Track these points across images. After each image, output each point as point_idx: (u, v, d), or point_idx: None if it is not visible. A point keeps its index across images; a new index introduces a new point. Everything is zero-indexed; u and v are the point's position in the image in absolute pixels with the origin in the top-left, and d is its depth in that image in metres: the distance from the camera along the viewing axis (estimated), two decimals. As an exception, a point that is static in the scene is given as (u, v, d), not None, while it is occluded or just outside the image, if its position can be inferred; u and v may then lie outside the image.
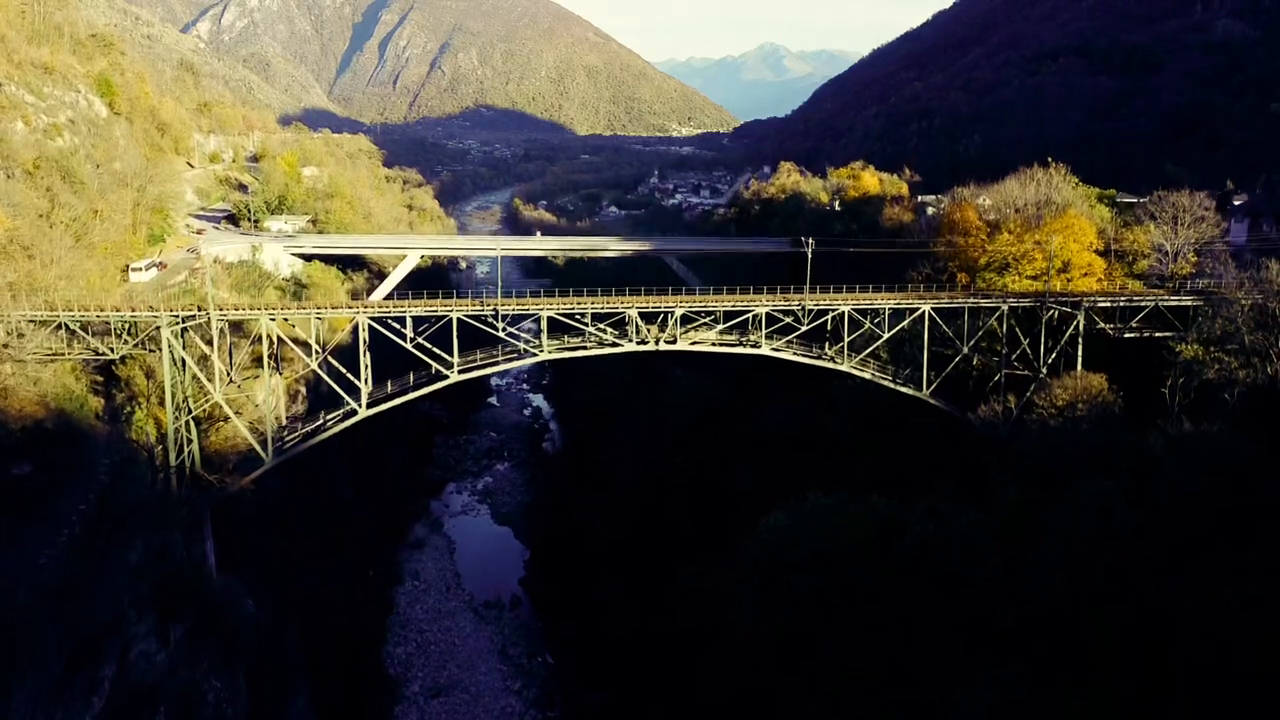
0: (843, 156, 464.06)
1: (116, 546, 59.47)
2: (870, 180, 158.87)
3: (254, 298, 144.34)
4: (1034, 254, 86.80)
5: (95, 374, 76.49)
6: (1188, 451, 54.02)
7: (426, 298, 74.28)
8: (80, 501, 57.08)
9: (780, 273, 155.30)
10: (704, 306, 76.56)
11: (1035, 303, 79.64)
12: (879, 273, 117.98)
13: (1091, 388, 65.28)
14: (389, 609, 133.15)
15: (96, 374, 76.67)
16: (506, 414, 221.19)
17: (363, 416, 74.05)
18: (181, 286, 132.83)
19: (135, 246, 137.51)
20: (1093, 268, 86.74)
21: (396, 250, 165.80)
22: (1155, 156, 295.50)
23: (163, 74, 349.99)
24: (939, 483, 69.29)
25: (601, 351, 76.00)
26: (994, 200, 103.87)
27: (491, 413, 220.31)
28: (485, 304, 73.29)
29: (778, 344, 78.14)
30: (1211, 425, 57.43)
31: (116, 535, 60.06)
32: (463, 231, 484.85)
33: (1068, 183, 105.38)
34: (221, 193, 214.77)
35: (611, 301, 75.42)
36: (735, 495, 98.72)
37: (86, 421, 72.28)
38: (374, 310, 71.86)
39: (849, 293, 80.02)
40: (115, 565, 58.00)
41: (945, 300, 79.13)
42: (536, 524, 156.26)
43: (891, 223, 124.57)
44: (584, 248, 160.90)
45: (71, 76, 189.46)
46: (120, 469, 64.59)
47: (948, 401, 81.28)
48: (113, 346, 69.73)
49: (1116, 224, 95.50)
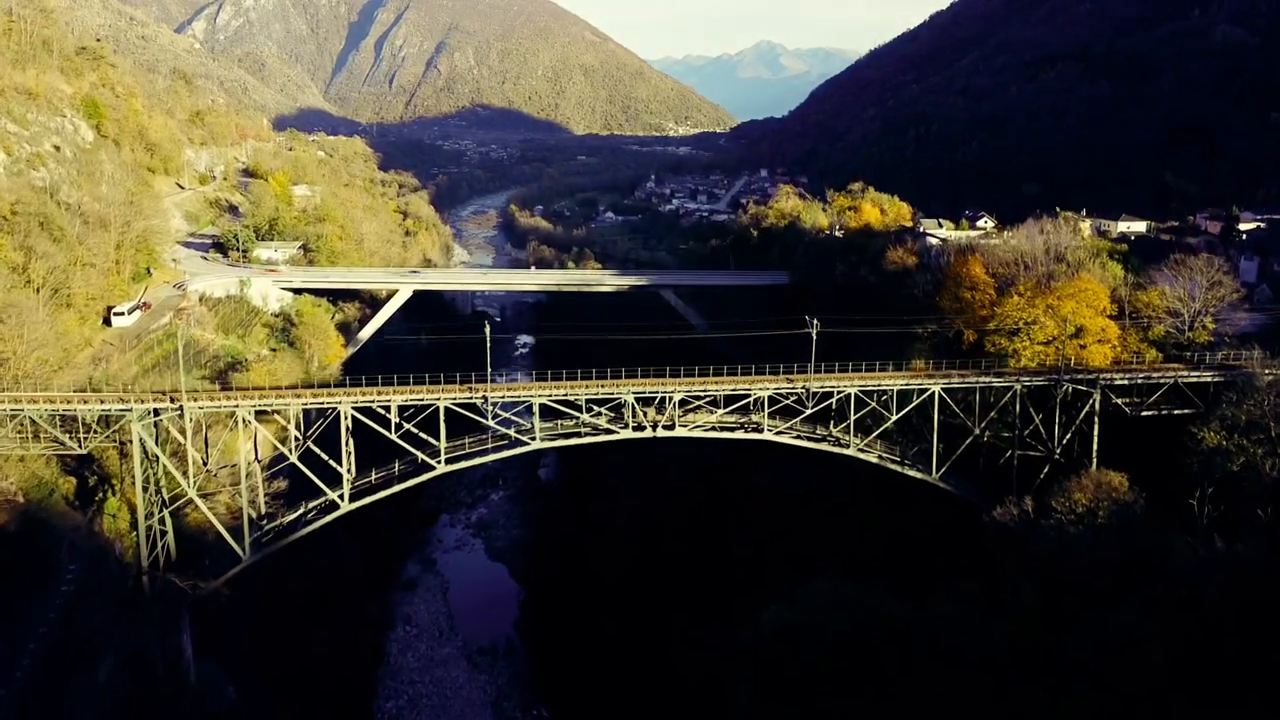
0: (840, 160, 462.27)
1: (84, 666, 56.14)
2: (871, 212, 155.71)
3: (241, 337, 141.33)
4: (1045, 320, 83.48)
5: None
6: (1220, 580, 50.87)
7: (413, 383, 70.78)
8: (41, 624, 53.72)
9: (780, 307, 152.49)
10: (703, 390, 73.16)
11: (1049, 381, 76.20)
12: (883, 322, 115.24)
13: (1112, 487, 62.01)
14: (380, 658, 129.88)
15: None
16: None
17: (345, 511, 70.76)
18: (165, 330, 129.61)
19: (119, 287, 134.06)
20: (1107, 334, 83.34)
21: (388, 285, 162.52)
22: (1155, 166, 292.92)
23: (154, 83, 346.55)
24: (951, 581, 66.04)
25: (596, 439, 72.78)
26: (1001, 252, 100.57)
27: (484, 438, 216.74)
28: (474, 389, 69.90)
29: (780, 427, 74.71)
30: (1243, 543, 54.10)
31: (85, 652, 56.73)
32: (459, 238, 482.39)
33: (1077, 233, 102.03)
34: (211, 215, 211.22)
35: (607, 386, 71.95)
36: (733, 556, 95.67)
37: (56, 511, 69.07)
38: (357, 399, 68.43)
39: (855, 372, 76.64)
40: (81, 690, 54.70)
41: (956, 380, 75.75)
42: (532, 563, 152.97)
43: (895, 265, 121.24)
44: (578, 282, 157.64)
45: (57, 100, 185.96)
46: (90, 571, 61.27)
47: (959, 484, 77.93)
48: (81, 439, 66.32)
49: (1130, 286, 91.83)
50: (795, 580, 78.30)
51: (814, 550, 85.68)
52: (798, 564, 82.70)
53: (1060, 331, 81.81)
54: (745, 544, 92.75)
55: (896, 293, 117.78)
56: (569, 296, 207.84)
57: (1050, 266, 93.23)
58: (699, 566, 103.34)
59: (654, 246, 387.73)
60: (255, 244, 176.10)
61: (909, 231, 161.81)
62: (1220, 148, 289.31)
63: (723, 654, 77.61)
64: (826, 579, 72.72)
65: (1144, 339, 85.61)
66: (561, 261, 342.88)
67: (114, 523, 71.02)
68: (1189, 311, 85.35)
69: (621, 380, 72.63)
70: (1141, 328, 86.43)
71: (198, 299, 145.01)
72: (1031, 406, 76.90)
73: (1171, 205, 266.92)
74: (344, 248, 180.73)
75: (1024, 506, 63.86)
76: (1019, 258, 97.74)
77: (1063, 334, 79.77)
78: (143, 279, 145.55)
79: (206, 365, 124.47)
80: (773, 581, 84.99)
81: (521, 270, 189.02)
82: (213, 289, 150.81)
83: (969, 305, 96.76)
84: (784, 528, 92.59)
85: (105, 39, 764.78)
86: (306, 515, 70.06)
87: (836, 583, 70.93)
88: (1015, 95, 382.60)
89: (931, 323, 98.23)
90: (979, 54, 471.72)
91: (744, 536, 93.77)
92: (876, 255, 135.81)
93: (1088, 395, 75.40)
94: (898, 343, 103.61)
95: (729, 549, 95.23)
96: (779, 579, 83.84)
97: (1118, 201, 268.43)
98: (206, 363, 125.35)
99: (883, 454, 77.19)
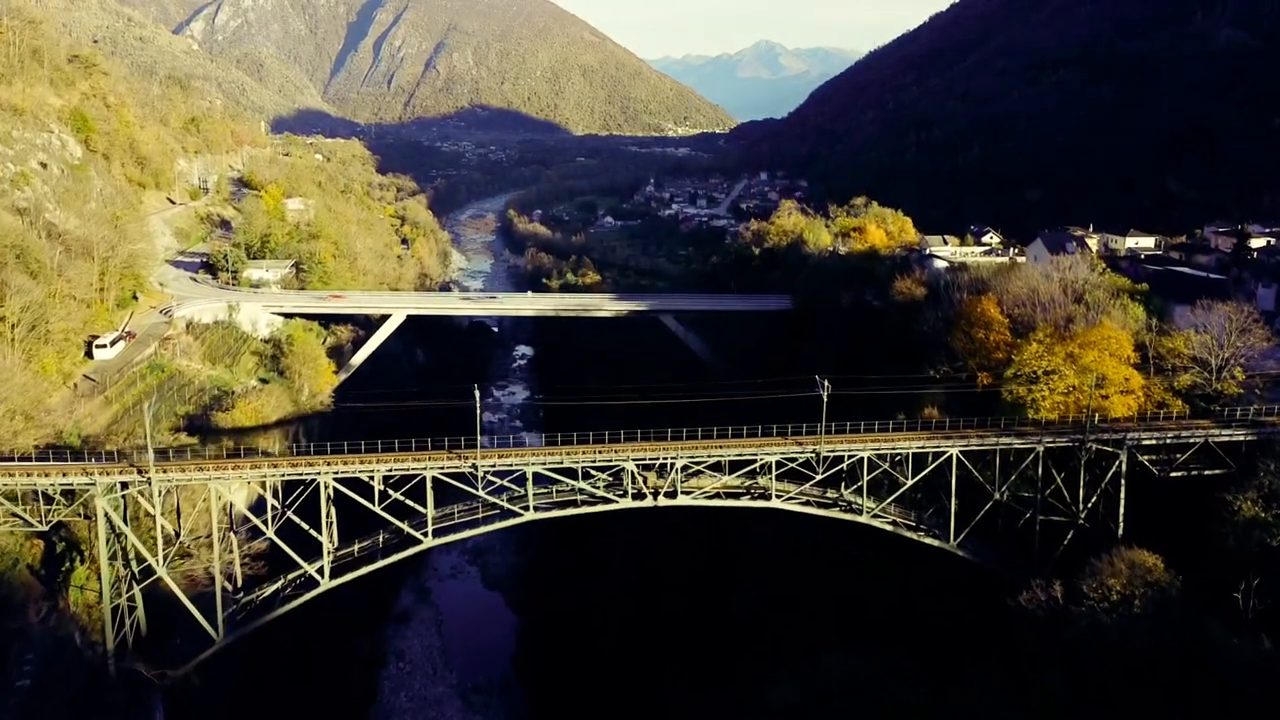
0: (840, 163, 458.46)
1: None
2: (876, 234, 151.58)
3: (229, 367, 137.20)
4: (1066, 370, 79.27)
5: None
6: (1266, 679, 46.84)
7: (398, 449, 66.41)
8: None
9: (784, 332, 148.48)
10: (708, 454, 68.85)
11: (1073, 443, 71.98)
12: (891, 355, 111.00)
13: (1146, 569, 57.90)
14: (372, 697, 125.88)
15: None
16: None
17: (325, 588, 66.54)
18: (150, 361, 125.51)
19: (102, 316, 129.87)
20: (1130, 384, 79.19)
21: (381, 310, 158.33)
22: (1156, 171, 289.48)
23: (149, 90, 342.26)
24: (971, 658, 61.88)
25: (594, 509, 68.59)
26: (1015, 289, 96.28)
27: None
28: (464, 457, 65.62)
29: (790, 492, 70.40)
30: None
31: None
32: (457, 243, 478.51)
33: (1095, 269, 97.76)
34: (202, 231, 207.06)
35: (606, 451, 67.66)
36: (735, 615, 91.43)
37: (19, 585, 64.91)
38: (339, 468, 64.13)
39: (868, 433, 72.33)
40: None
41: (975, 442, 71.40)
42: (528, 593, 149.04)
43: (903, 296, 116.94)
44: (576, 307, 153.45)
45: (44, 116, 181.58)
46: (48, 662, 57.07)
47: (978, 550, 73.52)
48: (44, 515, 62.06)
49: (1153, 330, 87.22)
50: (801, 646, 74.20)
51: (821, 610, 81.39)
52: (804, 628, 78.49)
53: (1081, 382, 77.65)
54: (748, 600, 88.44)
55: (906, 326, 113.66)
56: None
57: (1068, 308, 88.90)
58: (698, 625, 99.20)
59: (653, 253, 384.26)
60: (246, 264, 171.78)
61: (914, 253, 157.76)
62: (1222, 152, 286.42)
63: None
64: (836, 649, 68.63)
65: (1169, 388, 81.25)
66: (560, 270, 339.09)
67: (82, 595, 66.87)
68: (1216, 360, 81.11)
69: (621, 445, 68.36)
70: (1166, 376, 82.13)
71: (184, 326, 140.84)
72: (1054, 465, 72.68)
73: (1174, 212, 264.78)
74: (337, 267, 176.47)
75: (1051, 591, 59.77)
76: (1034, 295, 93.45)
77: (1086, 387, 75.55)
78: (129, 305, 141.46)
79: (191, 400, 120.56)
80: (776, 645, 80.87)
81: (518, 295, 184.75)
82: (201, 314, 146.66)
83: (982, 346, 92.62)
84: (790, 584, 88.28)
85: (102, 41, 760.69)
86: (284, 591, 65.89)
87: (847, 657, 66.72)
88: (1017, 99, 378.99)
89: (944, 364, 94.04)
90: (979, 56, 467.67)
91: (746, 592, 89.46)
92: (883, 280, 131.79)
93: (1114, 455, 71.26)
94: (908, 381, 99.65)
95: (730, 606, 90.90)
96: (783, 643, 79.73)
97: (1120, 208, 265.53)
98: (191, 397, 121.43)
99: (897, 519, 72.92)
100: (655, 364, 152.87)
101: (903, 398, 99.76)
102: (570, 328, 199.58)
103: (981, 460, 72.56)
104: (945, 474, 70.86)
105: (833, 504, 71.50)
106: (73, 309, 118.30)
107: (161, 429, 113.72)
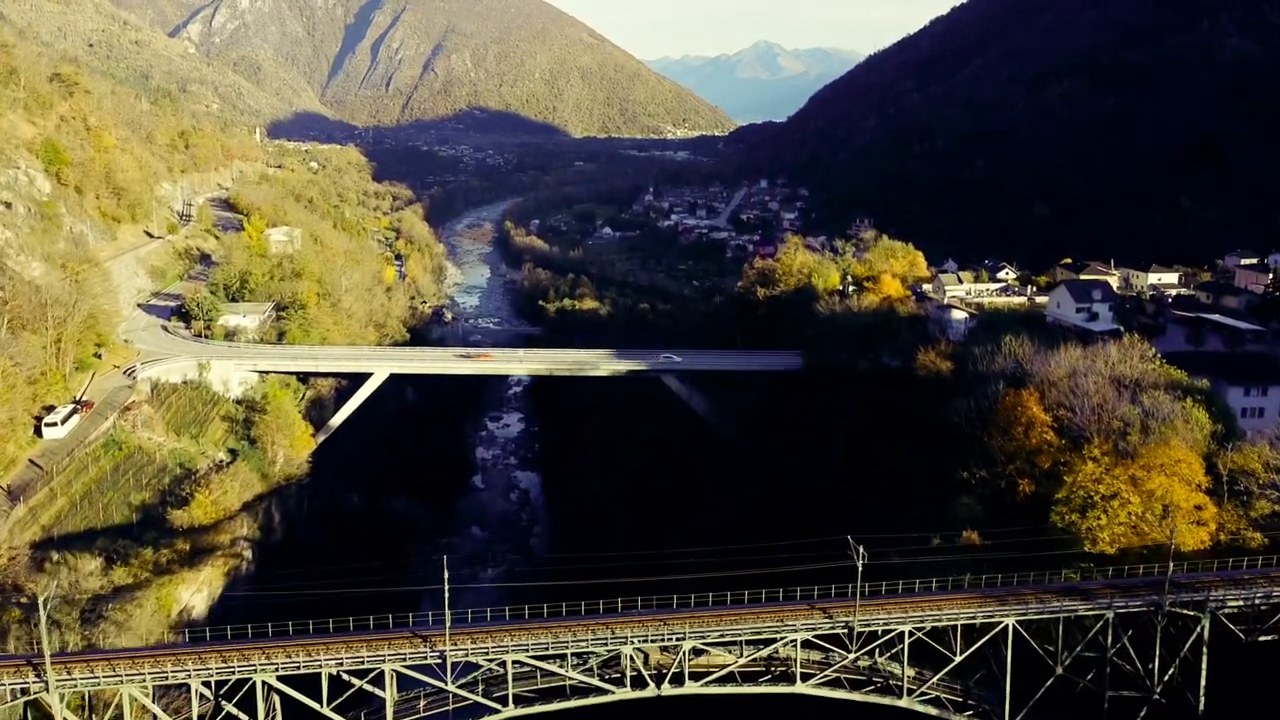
0: (841, 169, 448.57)
1: None
2: (891, 285, 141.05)
3: (195, 437, 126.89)
4: (1127, 494, 69.08)
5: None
6: None
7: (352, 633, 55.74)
8: None
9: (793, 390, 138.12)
10: (721, 635, 58.04)
11: (1149, 607, 61.40)
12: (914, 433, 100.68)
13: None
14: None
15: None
16: (493, 500, 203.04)
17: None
18: (107, 437, 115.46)
19: (58, 385, 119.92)
20: (1203, 515, 69.08)
21: (361, 368, 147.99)
22: (1166, 185, 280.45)
23: (136, 107, 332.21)
24: None
25: (585, 702, 58.19)
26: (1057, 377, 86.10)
27: (476, 499, 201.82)
28: (431, 644, 55.10)
29: (818, 676, 59.59)
30: None
31: None
32: (453, 255, 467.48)
33: (1147, 359, 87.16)
34: (180, 269, 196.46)
35: (600, 629, 57.21)
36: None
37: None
38: (279, 664, 53.62)
39: (908, 596, 61.59)
40: None
41: (1034, 609, 60.68)
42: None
43: (926, 370, 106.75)
44: (572, 364, 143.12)
45: (11, 150, 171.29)
46: None
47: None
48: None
49: (1218, 443, 75.85)
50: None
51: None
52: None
53: (1145, 509, 67.43)
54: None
55: (928, 400, 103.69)
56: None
57: (1123, 411, 78.41)
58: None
59: (652, 267, 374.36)
60: (222, 310, 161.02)
61: (931, 303, 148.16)
62: (1232, 167, 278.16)
63: None
64: None
65: (1243, 516, 70.99)
66: (557, 289, 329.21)
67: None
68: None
69: (619, 620, 57.84)
70: (1240, 503, 71.79)
71: (149, 389, 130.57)
72: (1121, 623, 62.28)
73: (1187, 229, 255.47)
74: (319, 311, 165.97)
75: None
76: (1080, 389, 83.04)
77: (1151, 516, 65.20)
78: (90, 364, 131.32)
79: (148, 486, 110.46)
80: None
81: (509, 350, 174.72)
82: (168, 374, 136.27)
83: (1022, 448, 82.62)
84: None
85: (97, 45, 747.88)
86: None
87: None
88: (1021, 109, 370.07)
89: (979, 467, 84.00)
90: (982, 63, 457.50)
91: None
92: (902, 343, 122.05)
93: (1194, 618, 61.05)
94: (937, 479, 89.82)
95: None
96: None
97: (1132, 225, 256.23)
98: (149, 481, 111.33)
99: (942, 696, 62.24)
100: (657, 425, 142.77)
101: (930, 495, 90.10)
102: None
103: (1038, 624, 61.95)
104: (999, 644, 60.60)
105: (867, 682, 61.03)
106: (19, 385, 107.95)
107: (114, 519, 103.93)
